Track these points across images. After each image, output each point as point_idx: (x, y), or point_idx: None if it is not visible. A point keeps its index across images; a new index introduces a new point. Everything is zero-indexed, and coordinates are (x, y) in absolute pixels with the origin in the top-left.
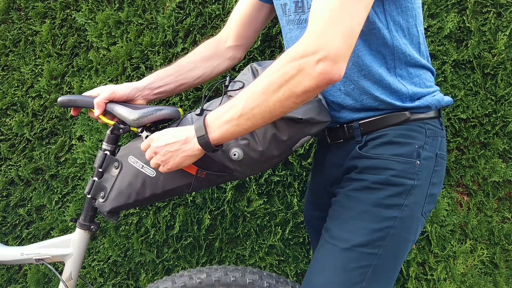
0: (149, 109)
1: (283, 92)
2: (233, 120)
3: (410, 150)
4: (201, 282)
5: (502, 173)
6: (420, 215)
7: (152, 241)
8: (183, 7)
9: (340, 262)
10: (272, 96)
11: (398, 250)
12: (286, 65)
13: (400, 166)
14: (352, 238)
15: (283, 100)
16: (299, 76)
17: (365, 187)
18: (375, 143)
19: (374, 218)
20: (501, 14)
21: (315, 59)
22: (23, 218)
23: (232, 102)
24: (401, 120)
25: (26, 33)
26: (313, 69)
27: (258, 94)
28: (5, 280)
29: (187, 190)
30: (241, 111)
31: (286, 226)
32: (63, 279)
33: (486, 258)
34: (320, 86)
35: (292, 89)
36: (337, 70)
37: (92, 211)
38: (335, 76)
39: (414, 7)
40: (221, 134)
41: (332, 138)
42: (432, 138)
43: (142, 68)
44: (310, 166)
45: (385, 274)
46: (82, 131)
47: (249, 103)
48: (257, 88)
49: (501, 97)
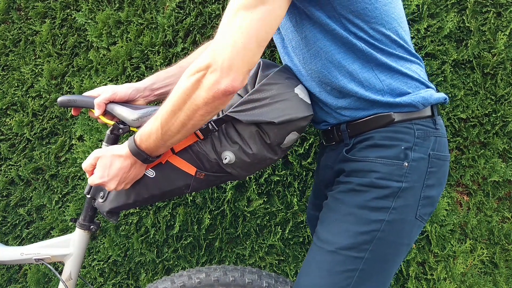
0: (148, 109)
1: (188, 107)
2: (156, 134)
3: (395, 152)
4: (200, 282)
5: (502, 173)
6: (414, 218)
7: (152, 240)
8: (183, 7)
9: (326, 265)
10: (180, 113)
11: (387, 255)
12: (186, 80)
13: (385, 168)
14: (337, 241)
15: (190, 115)
16: (197, 89)
17: (350, 189)
18: (361, 146)
19: (359, 220)
20: (501, 14)
21: (207, 71)
22: (23, 218)
23: (152, 119)
24: (386, 121)
25: (26, 33)
26: (206, 80)
27: (168, 113)
28: (5, 280)
29: (186, 191)
30: (160, 129)
31: (286, 226)
32: (63, 279)
33: (486, 257)
34: (216, 97)
35: (194, 102)
36: (229, 81)
37: (92, 211)
38: (227, 87)
39: (377, 7)
40: (147, 147)
41: (326, 140)
42: (422, 139)
43: (142, 68)
44: (310, 166)
45: (374, 279)
46: (82, 131)
47: (164, 121)
48: (167, 107)
49: (501, 96)
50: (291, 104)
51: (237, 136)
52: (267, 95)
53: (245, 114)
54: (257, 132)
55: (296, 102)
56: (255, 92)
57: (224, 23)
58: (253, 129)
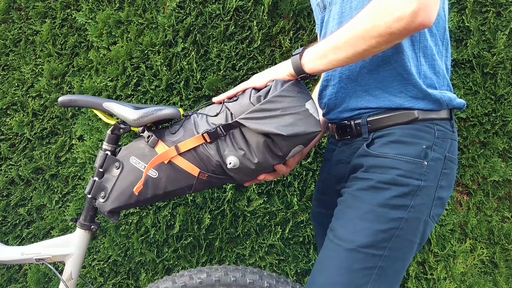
0: (149, 109)
1: (369, 40)
2: (321, 54)
3: (417, 150)
4: (202, 282)
5: (502, 173)
6: (428, 218)
7: (152, 240)
8: (183, 7)
9: (344, 263)
10: (358, 45)
11: (404, 253)
12: (374, 15)
13: (407, 166)
14: (357, 239)
15: (369, 47)
16: (390, 21)
17: (371, 186)
18: (382, 141)
19: (379, 218)
20: (500, 13)
21: (407, 3)
22: (24, 218)
23: (323, 45)
24: (409, 119)
25: (27, 32)
26: (405, 14)
27: (345, 43)
28: (5, 279)
29: (188, 191)
30: (328, 51)
31: (286, 226)
32: (63, 279)
33: (486, 257)
34: (409, 29)
35: (378, 35)
36: (429, 16)
37: (93, 211)
38: (427, 21)
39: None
40: (310, 62)
41: (340, 134)
42: (441, 140)
43: (142, 68)
44: (310, 166)
45: (391, 277)
46: (82, 131)
47: (336, 49)
48: (344, 39)
49: (501, 96)
50: (301, 118)
51: (243, 143)
52: (278, 106)
53: (254, 122)
54: (264, 142)
55: (306, 117)
56: (267, 103)
57: None
58: (260, 138)
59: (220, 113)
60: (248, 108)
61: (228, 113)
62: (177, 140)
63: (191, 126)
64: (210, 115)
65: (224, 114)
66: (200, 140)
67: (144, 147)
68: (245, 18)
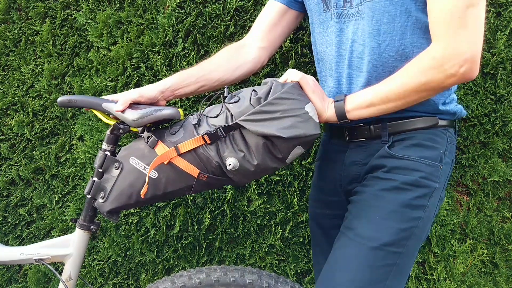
0: (148, 110)
1: (421, 92)
2: (368, 103)
3: (436, 154)
4: (201, 282)
5: (502, 173)
6: (433, 217)
7: (152, 240)
8: (184, 7)
9: (367, 261)
10: (410, 97)
11: (415, 250)
12: (427, 72)
13: (428, 169)
14: (381, 237)
15: (419, 98)
16: (443, 78)
17: (394, 187)
18: (404, 144)
19: (402, 217)
20: (500, 13)
21: (459, 62)
22: (24, 218)
23: (370, 95)
24: (430, 124)
25: (27, 33)
26: (457, 72)
27: (396, 96)
28: (5, 280)
29: (188, 192)
30: (376, 102)
31: (286, 226)
32: (63, 279)
33: (486, 257)
34: (458, 83)
35: (430, 89)
36: (476, 70)
37: (92, 211)
38: (475, 75)
39: None
40: (355, 110)
41: (352, 136)
42: (451, 145)
43: (143, 68)
44: (310, 166)
45: (404, 272)
46: (83, 131)
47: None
48: (394, 92)
49: (501, 96)
50: (300, 121)
51: (243, 145)
52: (278, 108)
53: (254, 124)
54: (264, 143)
55: (306, 120)
56: (267, 105)
57: (455, 17)
58: (260, 140)
59: (220, 114)
60: (248, 110)
61: (228, 114)
62: (177, 140)
63: (191, 127)
64: (211, 117)
65: (224, 116)
66: (200, 142)
67: (144, 148)
68: (245, 18)
